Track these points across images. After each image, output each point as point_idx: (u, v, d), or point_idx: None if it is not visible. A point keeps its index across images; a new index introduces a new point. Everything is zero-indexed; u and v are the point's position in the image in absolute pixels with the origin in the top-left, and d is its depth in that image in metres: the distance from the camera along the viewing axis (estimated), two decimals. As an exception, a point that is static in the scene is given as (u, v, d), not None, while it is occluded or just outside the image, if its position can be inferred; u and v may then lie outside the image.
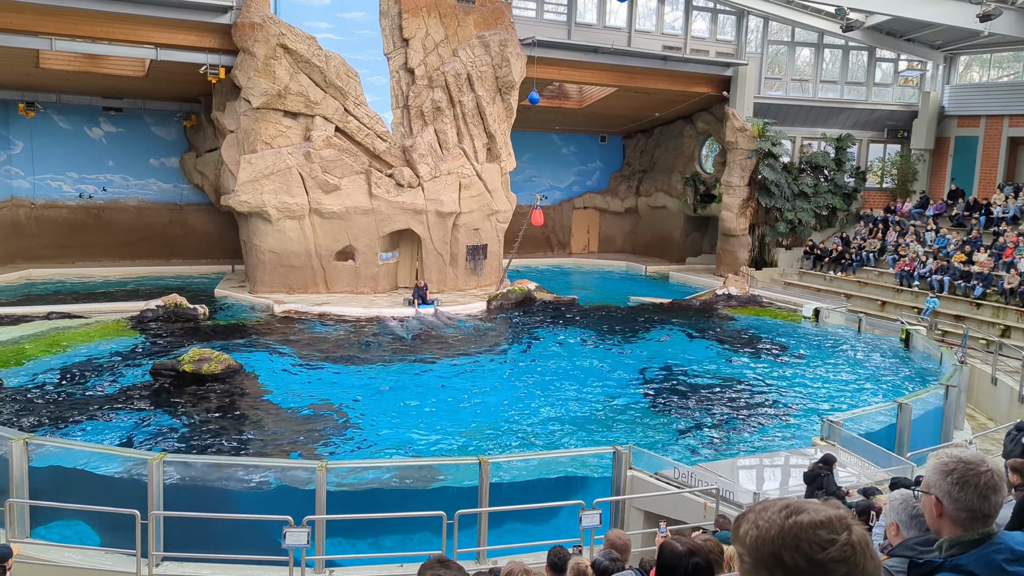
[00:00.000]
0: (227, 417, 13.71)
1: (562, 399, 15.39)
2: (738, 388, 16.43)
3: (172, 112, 29.37)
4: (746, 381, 16.97)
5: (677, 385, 16.59)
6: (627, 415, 14.63)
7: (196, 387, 14.90)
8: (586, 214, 38.02)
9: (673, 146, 35.68)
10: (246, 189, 22.65)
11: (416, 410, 14.48)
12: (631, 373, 17.43)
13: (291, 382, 15.96)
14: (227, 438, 12.68)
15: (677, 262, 34.66)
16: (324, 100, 23.20)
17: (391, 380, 16.28)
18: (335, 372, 16.72)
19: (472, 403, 15.02)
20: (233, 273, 28.16)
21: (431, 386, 16.01)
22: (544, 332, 21.11)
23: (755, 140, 29.40)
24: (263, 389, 15.43)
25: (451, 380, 16.45)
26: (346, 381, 16.14)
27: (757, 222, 30.61)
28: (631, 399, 15.61)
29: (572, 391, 15.93)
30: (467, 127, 25.27)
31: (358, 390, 15.54)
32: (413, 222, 24.56)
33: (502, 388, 16.08)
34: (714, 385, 16.59)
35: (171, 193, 30.01)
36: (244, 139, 23.13)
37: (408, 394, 15.40)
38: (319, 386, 15.76)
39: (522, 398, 15.43)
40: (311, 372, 16.69)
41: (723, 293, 25.69)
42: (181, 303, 20.59)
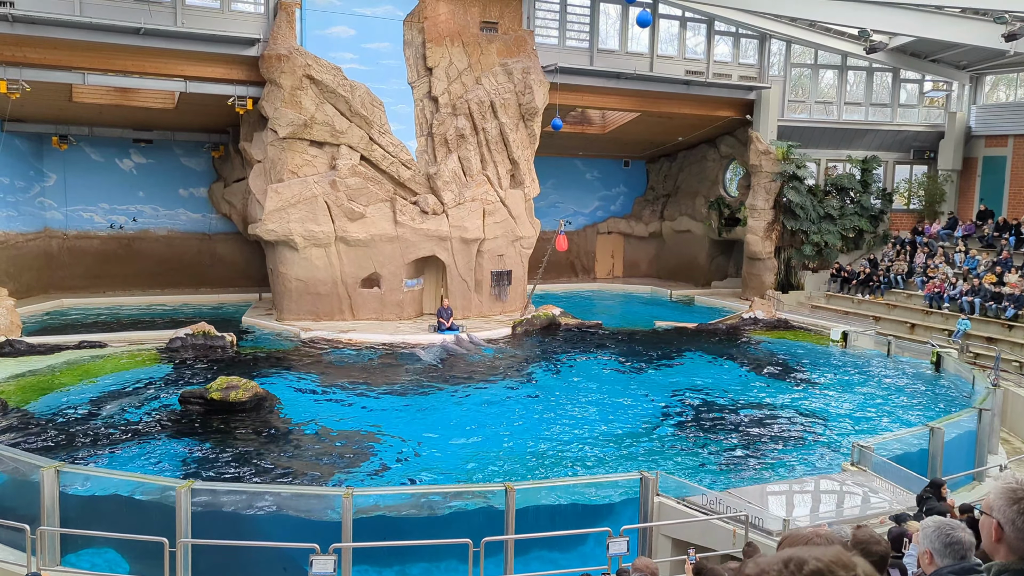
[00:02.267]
0: (254, 444, 13.77)
1: (588, 424, 15.30)
2: (766, 412, 16.25)
3: (201, 143, 29.85)
4: (774, 405, 16.78)
5: (704, 410, 16.45)
6: (654, 440, 14.52)
7: (224, 415, 14.99)
8: (610, 239, 37.99)
9: (697, 170, 35.64)
10: (273, 218, 22.91)
11: (442, 436, 14.46)
12: (657, 398, 17.31)
13: (317, 409, 16.01)
14: (254, 465, 12.73)
15: (702, 286, 34.47)
16: (349, 129, 23.48)
17: (417, 406, 16.29)
18: (360, 399, 16.76)
19: (498, 429, 14.98)
20: (260, 301, 28.41)
21: (457, 412, 15.99)
22: (569, 357, 21.05)
23: (779, 163, 29.30)
24: (289, 416, 15.49)
25: (477, 406, 16.43)
26: (371, 408, 16.17)
27: (783, 245, 30.41)
28: (658, 424, 15.49)
29: (598, 416, 15.84)
30: (491, 154, 25.43)
31: (383, 417, 15.56)
32: (438, 249, 24.67)
33: (527, 414, 16.02)
34: (742, 409, 16.42)
35: (200, 223, 30.41)
36: (271, 168, 23.44)
37: (434, 420, 15.39)
38: (345, 413, 15.80)
39: (548, 423, 15.36)
40: (337, 399, 16.74)
41: (750, 317, 25.51)
42: (209, 331, 20.77)
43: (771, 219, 29.93)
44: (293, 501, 10.46)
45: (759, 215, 29.94)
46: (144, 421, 14.64)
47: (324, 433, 14.53)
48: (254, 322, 24.60)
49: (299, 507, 10.46)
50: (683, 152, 36.43)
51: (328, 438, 14.30)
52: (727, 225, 33.45)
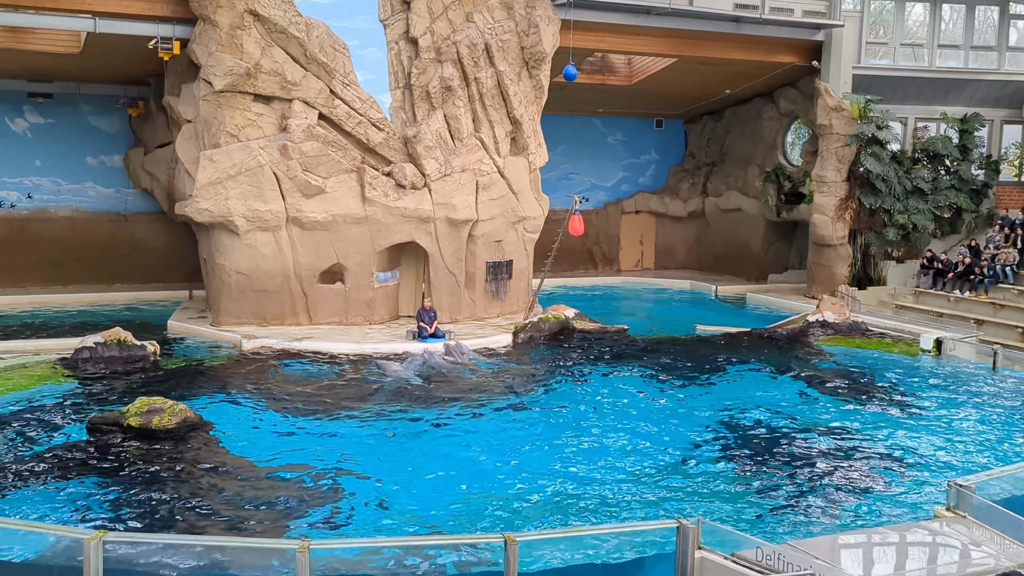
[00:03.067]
0: (184, 483, 13.77)
1: (610, 458, 15.30)
2: (837, 443, 16.24)
3: (114, 98, 29.82)
4: (848, 433, 16.78)
5: (758, 440, 16.44)
6: (694, 479, 14.52)
7: (144, 446, 14.98)
8: (639, 220, 38.00)
9: (749, 132, 35.62)
10: (207, 194, 22.91)
11: (424, 473, 14.45)
12: (698, 425, 17.31)
13: (264, 439, 15.99)
14: (184, 510, 12.73)
15: (756, 281, 34.47)
16: (305, 80, 23.47)
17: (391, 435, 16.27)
18: (319, 426, 16.75)
19: (495, 464, 14.98)
20: (191, 301, 28.41)
21: (443, 443, 15.99)
22: (587, 372, 21.04)
23: (855, 122, 29.30)
24: (228, 448, 15.48)
25: (467, 435, 16.42)
26: (333, 437, 16.16)
27: (859, 228, 30.40)
28: (699, 458, 15.49)
29: (623, 448, 15.84)
30: (485, 112, 25.43)
31: (349, 448, 15.55)
32: (418, 233, 24.68)
33: (533, 445, 16.02)
34: (806, 439, 16.41)
35: (113, 200, 30.42)
36: (204, 131, 23.44)
37: (414, 453, 15.39)
38: (300, 444, 15.78)
39: (559, 457, 15.36)
40: (290, 426, 16.73)
41: (816, 320, 25.50)
42: (125, 339, 20.72)
43: (844, 195, 29.91)
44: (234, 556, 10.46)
45: (829, 189, 29.90)
46: (42, 454, 14.63)
47: (273, 469, 14.52)
48: (183, 327, 24.58)
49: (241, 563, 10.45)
50: (731, 109, 36.40)
51: (278, 475, 14.29)
52: (788, 202, 33.42)
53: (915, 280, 29.56)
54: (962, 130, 30.85)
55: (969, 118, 30.93)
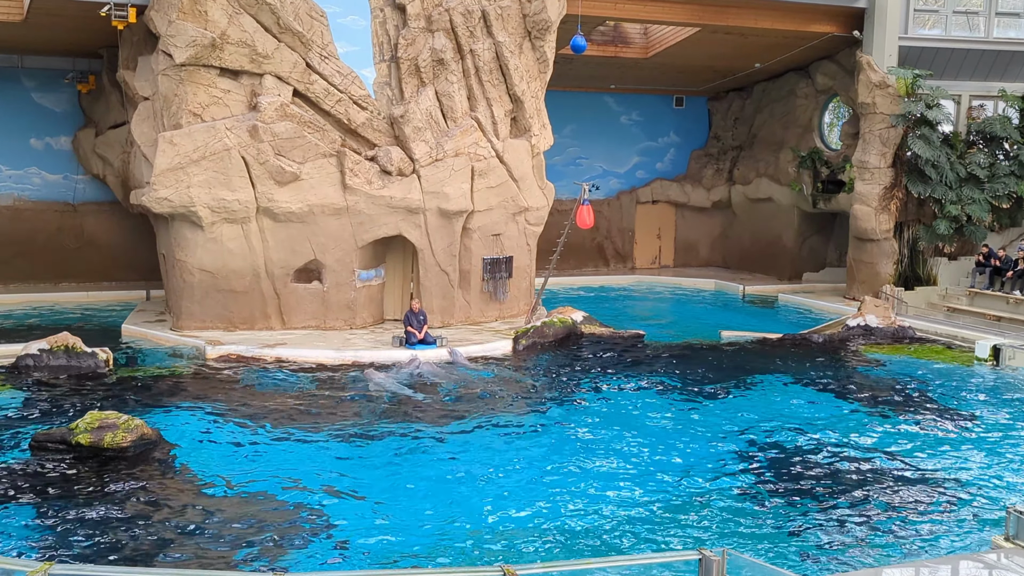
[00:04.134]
0: (140, 509, 13.77)
1: (623, 481, 15.30)
2: (881, 464, 16.25)
3: (62, 72, 29.81)
4: (893, 454, 16.79)
5: (791, 461, 16.45)
6: (718, 504, 14.52)
7: (96, 466, 14.97)
8: (656, 211, 38.01)
9: (782, 111, 35.63)
10: (166, 181, 22.92)
11: (414, 498, 14.46)
12: (723, 444, 17.32)
13: (231, 458, 15.99)
14: (140, 539, 12.73)
15: (789, 280, 34.49)
16: (277, 52, 23.47)
17: (375, 455, 16.29)
18: (293, 444, 16.76)
19: (493, 488, 14.99)
20: (148, 302, 28.42)
21: (434, 463, 15.99)
22: (597, 384, 21.05)
23: (901, 101, 29.29)
24: (190, 469, 15.48)
25: (462, 455, 16.43)
26: (309, 457, 16.16)
27: (906, 220, 30.40)
28: (724, 482, 15.49)
29: (638, 470, 15.84)
30: (482, 88, 25.43)
31: (327, 470, 15.55)
32: (405, 225, 24.69)
33: (536, 466, 16.03)
34: (845, 461, 16.42)
35: (60, 188, 30.43)
36: (164, 109, 23.45)
37: (401, 476, 15.39)
38: (271, 464, 15.78)
39: (566, 480, 15.36)
40: (259, 444, 16.73)
41: (857, 325, 25.52)
42: (74, 346, 20.71)
43: (889, 182, 29.91)
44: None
45: (872, 176, 29.90)
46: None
47: (240, 493, 14.52)
48: (139, 332, 24.59)
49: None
50: (761, 85, 36.40)
51: (246, 500, 14.29)
52: (825, 191, 33.43)
53: (969, 279, 29.53)
54: (1022, 109, 30.83)
55: (1031, 96, 30.98)
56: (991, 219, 30.22)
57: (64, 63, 29.63)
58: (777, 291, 33.05)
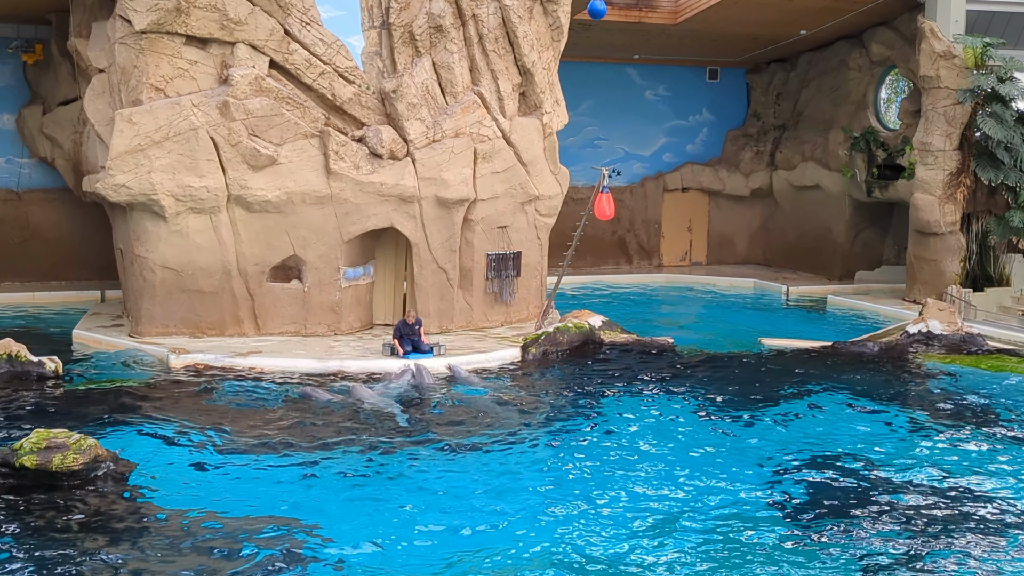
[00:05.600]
0: (93, 540, 13.80)
1: (649, 512, 15.30)
2: (946, 495, 16.22)
3: (5, 40, 29.88)
4: (961, 482, 16.75)
5: (838, 489, 16.43)
6: (753, 539, 14.51)
7: (42, 492, 15.00)
8: (686, 200, 38.02)
9: (831, 85, 35.62)
10: (124, 165, 22.97)
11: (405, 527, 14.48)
12: (764, 469, 17.31)
13: (196, 484, 16.02)
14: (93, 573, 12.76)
15: (840, 279, 34.49)
16: (251, 17, 23.51)
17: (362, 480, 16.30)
18: (269, 467, 16.79)
19: (499, 517, 15.00)
20: (103, 304, 28.47)
21: (429, 488, 16.01)
22: (617, 399, 21.06)
23: (970, 73, 29.24)
24: (150, 494, 15.51)
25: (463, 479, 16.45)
26: (287, 482, 16.19)
27: (976, 211, 30.38)
28: (764, 514, 15.48)
29: (663, 499, 15.84)
30: (487, 59, 25.45)
31: (307, 496, 15.58)
32: (398, 216, 24.72)
33: (548, 493, 16.04)
34: (904, 489, 16.40)
35: (3, 173, 30.49)
36: (122, 83, 23.50)
37: (390, 503, 15.41)
38: (244, 490, 15.82)
39: (581, 509, 15.37)
40: (228, 468, 16.76)
41: (919, 331, 25.49)
42: (18, 354, 20.76)
43: (956, 168, 29.87)
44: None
45: (935, 160, 29.87)
46: (-91, 503, 14.68)
47: (203, 523, 14.54)
48: (93, 338, 24.64)
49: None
50: (807, 55, 36.39)
51: (211, 529, 14.32)
52: (882, 177, 33.39)
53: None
54: (1110, 83, 30.86)
55: (1120, 68, 30.94)
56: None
57: (7, 30, 29.67)
58: (826, 292, 33.01)
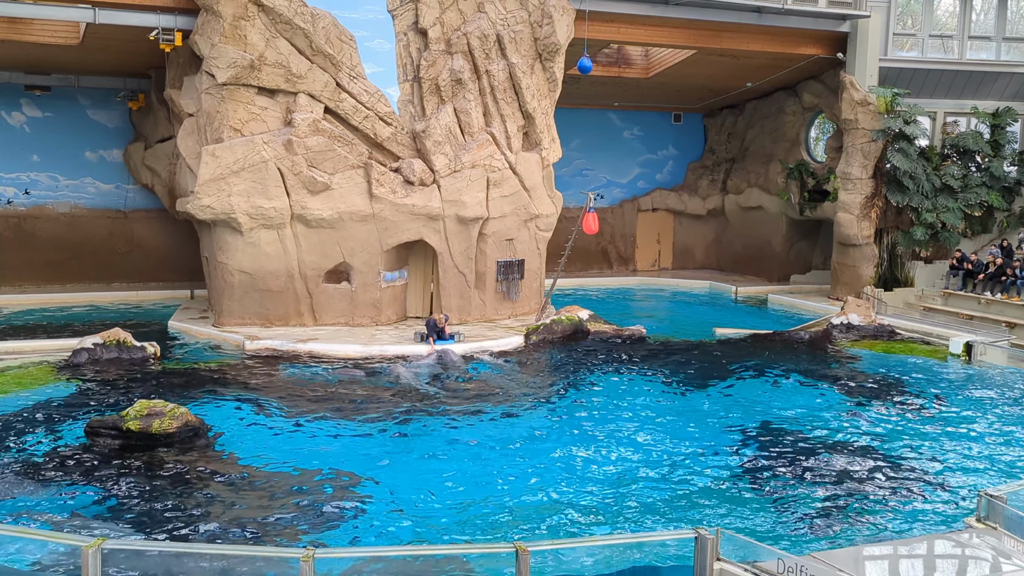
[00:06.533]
0: (185, 489, 13.83)
1: (626, 465, 15.30)
2: (862, 451, 16.21)
3: (114, 91, 29.97)
4: (873, 442, 16.75)
5: (779, 448, 16.42)
6: (713, 488, 14.51)
7: (144, 451, 15.05)
8: (656, 218, 38.00)
9: (771, 126, 35.58)
10: (209, 190, 22.99)
11: (434, 480, 14.49)
12: (716, 432, 17.30)
13: (268, 444, 16.06)
14: (185, 518, 12.78)
15: (778, 281, 34.43)
16: (310, 72, 23.54)
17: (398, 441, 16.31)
18: (323, 430, 16.81)
19: (506, 471, 15.00)
20: (192, 300, 28.52)
21: (453, 449, 16.02)
22: (601, 376, 21.05)
23: (881, 117, 29.24)
24: (231, 453, 15.54)
25: (480, 441, 16.45)
26: (338, 442, 16.21)
27: (886, 227, 30.35)
28: (718, 467, 15.47)
29: (638, 455, 15.84)
30: (497, 105, 25.45)
31: (354, 454, 15.60)
32: (426, 231, 24.72)
33: (545, 452, 16.04)
34: (829, 448, 16.38)
35: (112, 196, 30.56)
36: (207, 125, 23.52)
37: (421, 459, 15.43)
38: (304, 449, 15.84)
39: (572, 464, 15.37)
40: (294, 431, 16.79)
41: (841, 323, 25.47)
42: (125, 340, 20.82)
43: (870, 192, 29.84)
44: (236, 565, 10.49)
45: (854, 187, 29.84)
46: (39, 460, 14.71)
47: (276, 475, 14.58)
48: (184, 328, 24.68)
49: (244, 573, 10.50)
50: (753, 103, 36.35)
51: (280, 482, 14.34)
52: (811, 200, 33.36)
53: (944, 281, 29.45)
54: (994, 125, 30.74)
55: (1001, 112, 30.81)
56: (964, 226, 30.13)
57: (116, 83, 29.78)
58: (767, 292, 33.01)
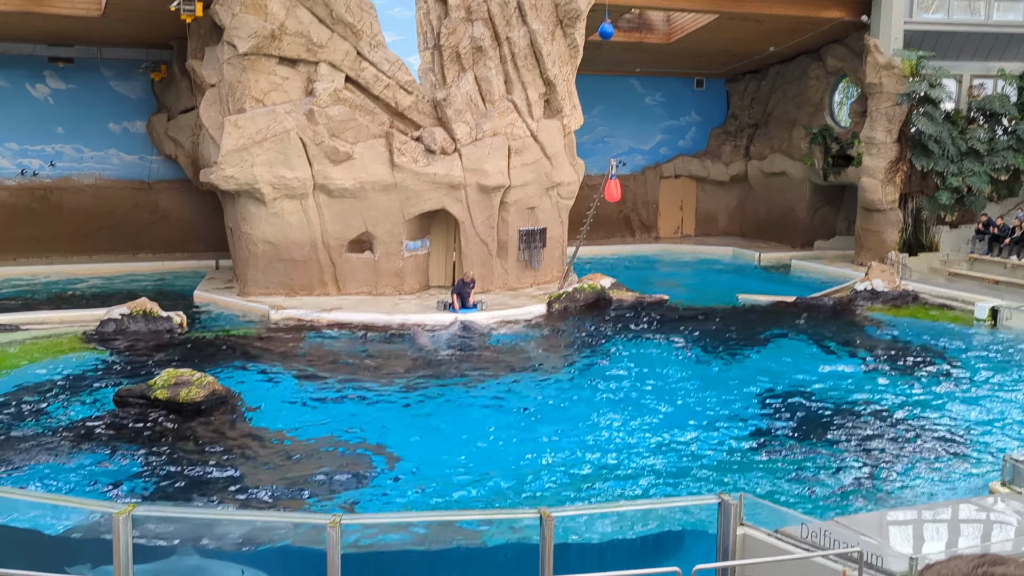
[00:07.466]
0: (213, 457, 13.97)
1: (649, 432, 15.34)
2: (886, 417, 16.18)
3: (136, 62, 29.98)
4: (897, 407, 16.72)
5: (803, 414, 16.42)
6: (737, 454, 14.54)
7: (172, 419, 15.20)
8: (678, 185, 37.79)
9: (794, 91, 35.27)
10: (232, 160, 23.05)
11: (455, 446, 14.57)
12: (740, 398, 17.30)
13: (294, 411, 16.20)
14: (213, 485, 12.93)
15: (801, 247, 34.26)
16: (331, 42, 23.48)
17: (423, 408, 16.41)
18: (348, 398, 16.92)
19: (530, 438, 15.07)
20: (217, 271, 28.65)
21: (478, 415, 16.10)
22: (623, 344, 21.06)
23: (906, 80, 28.91)
24: (257, 421, 15.68)
25: (501, 408, 16.52)
26: (363, 410, 16.33)
27: (911, 191, 30.10)
28: (742, 433, 15.49)
29: (661, 422, 15.87)
30: (518, 72, 25.33)
31: (379, 421, 15.71)
32: (448, 200, 24.71)
33: (569, 419, 16.09)
34: (854, 414, 16.36)
35: (137, 167, 30.66)
36: (229, 95, 23.54)
37: (445, 426, 15.52)
38: (330, 416, 15.97)
39: (596, 431, 15.42)
40: (319, 399, 16.91)
41: (865, 288, 25.34)
42: (151, 310, 20.96)
43: (895, 156, 29.59)
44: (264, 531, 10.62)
45: (879, 151, 29.59)
46: (68, 427, 14.89)
47: (302, 442, 14.71)
48: (210, 298, 24.81)
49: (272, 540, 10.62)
50: (776, 67, 36.01)
51: (306, 449, 14.47)
52: (835, 165, 33.11)
53: (969, 246, 29.24)
54: (1021, 87, 30.36)
55: (1029, 75, 30.52)
56: (990, 190, 29.85)
57: (138, 54, 29.79)
58: (790, 258, 32.85)
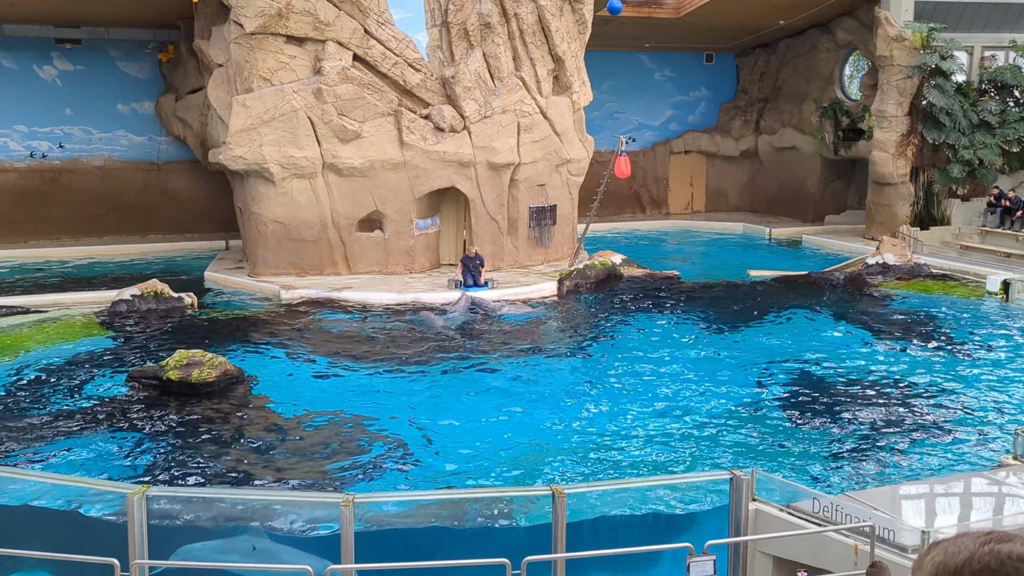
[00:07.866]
0: (225, 437, 14.04)
1: (660, 409, 15.35)
2: (897, 391, 16.18)
3: (143, 42, 29.91)
4: (909, 381, 16.70)
5: (814, 389, 16.42)
6: (748, 429, 14.54)
7: (184, 399, 15.27)
8: (688, 160, 37.65)
9: (804, 65, 35.06)
10: (240, 140, 23.03)
11: (467, 425, 14.61)
12: (751, 373, 17.30)
13: (305, 391, 16.24)
14: (227, 464, 12.99)
15: (812, 222, 34.16)
16: (338, 19, 23.40)
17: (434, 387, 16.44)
18: (360, 377, 16.97)
19: (541, 415, 15.10)
20: (227, 251, 28.66)
21: (489, 394, 16.14)
22: (635, 320, 21.05)
23: (917, 53, 28.71)
24: (269, 401, 15.74)
25: (512, 386, 16.55)
26: (375, 389, 16.37)
27: (922, 165, 29.95)
28: (753, 408, 15.50)
29: (673, 398, 15.89)
30: (526, 49, 25.22)
31: (391, 400, 15.75)
32: (458, 178, 24.66)
33: (580, 396, 16.12)
34: (864, 387, 16.36)
35: (145, 148, 30.63)
36: (236, 75, 23.49)
37: (456, 405, 15.55)
38: (343, 396, 16.01)
39: (609, 407, 15.45)
40: (331, 378, 16.97)
41: (876, 262, 25.28)
42: (162, 291, 21.00)
43: (906, 130, 29.44)
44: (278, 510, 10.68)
45: (889, 124, 29.44)
46: (81, 409, 14.96)
47: (313, 422, 14.76)
48: (220, 278, 24.84)
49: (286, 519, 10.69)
50: (785, 41, 35.78)
51: (318, 428, 14.53)
52: (846, 139, 32.96)
53: (981, 219, 29.13)
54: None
55: (1041, 46, 30.31)
56: (1001, 163, 29.67)
57: (145, 34, 29.72)
58: (801, 233, 32.78)
